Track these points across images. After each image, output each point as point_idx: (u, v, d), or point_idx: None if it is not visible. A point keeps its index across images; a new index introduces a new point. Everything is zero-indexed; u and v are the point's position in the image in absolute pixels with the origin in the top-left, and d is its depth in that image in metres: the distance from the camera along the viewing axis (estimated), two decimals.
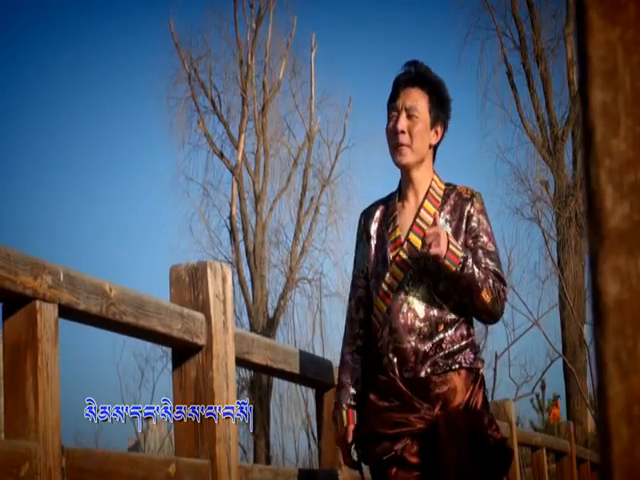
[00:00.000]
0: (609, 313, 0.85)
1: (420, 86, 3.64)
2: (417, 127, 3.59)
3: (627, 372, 0.84)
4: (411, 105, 3.60)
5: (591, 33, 0.87)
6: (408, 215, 3.65)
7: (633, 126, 0.86)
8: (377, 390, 3.59)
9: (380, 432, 3.53)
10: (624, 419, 0.84)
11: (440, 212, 3.60)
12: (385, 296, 3.58)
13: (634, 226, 0.85)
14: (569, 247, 20.87)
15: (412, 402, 3.51)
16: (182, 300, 3.39)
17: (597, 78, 0.86)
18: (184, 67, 24.79)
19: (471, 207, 3.62)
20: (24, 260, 2.47)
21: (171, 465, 3.10)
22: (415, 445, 3.50)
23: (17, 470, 2.40)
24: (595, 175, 0.86)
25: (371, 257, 3.67)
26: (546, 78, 21.84)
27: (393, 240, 3.62)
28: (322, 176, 24.90)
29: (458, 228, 3.60)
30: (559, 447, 9.68)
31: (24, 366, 2.51)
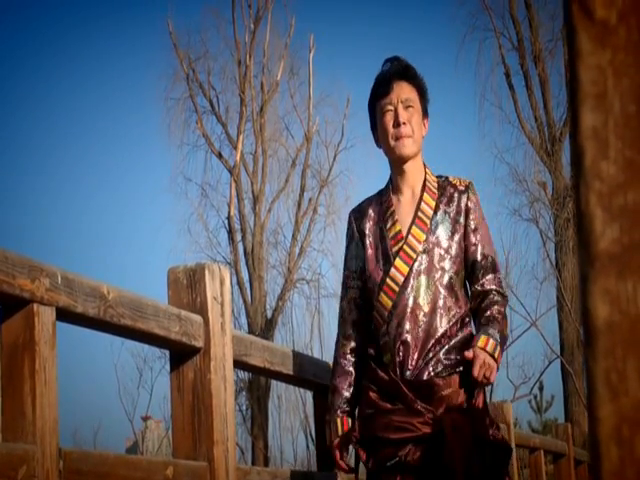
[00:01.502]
0: (599, 335, 0.85)
1: (408, 80, 3.66)
2: (415, 118, 3.62)
3: (617, 394, 0.85)
4: (407, 97, 3.61)
5: (581, 56, 0.87)
6: (407, 209, 3.64)
7: (623, 149, 0.87)
8: (378, 389, 3.55)
9: (384, 437, 3.49)
10: (614, 440, 0.85)
11: (438, 204, 3.63)
12: (390, 291, 3.56)
13: (624, 249, 0.86)
14: (567, 248, 20.87)
15: (415, 406, 3.47)
16: (180, 302, 3.39)
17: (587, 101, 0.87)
18: (182, 67, 24.79)
19: (468, 200, 3.66)
20: (22, 263, 2.47)
21: (169, 467, 3.10)
22: (419, 450, 3.46)
23: (15, 473, 2.39)
24: (585, 198, 0.87)
25: (368, 255, 3.64)
26: (544, 79, 21.85)
27: (394, 235, 3.60)
28: (320, 177, 24.91)
29: (457, 221, 3.63)
30: (557, 448, 9.68)
31: (22, 369, 2.51)
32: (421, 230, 3.58)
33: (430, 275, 3.55)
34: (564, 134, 21.53)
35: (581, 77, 0.87)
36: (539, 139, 21.64)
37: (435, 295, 3.54)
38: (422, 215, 3.60)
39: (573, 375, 19.92)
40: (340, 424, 3.57)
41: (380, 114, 3.64)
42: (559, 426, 10.49)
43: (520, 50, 21.95)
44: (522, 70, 21.92)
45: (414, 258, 3.56)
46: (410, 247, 3.57)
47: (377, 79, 3.69)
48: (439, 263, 3.56)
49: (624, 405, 0.84)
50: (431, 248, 3.57)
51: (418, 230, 3.59)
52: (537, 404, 20.40)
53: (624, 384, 0.84)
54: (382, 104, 3.63)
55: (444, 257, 3.58)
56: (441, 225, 3.61)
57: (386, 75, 3.66)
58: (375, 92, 3.67)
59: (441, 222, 3.61)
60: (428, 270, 3.55)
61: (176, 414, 3.39)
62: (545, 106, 21.81)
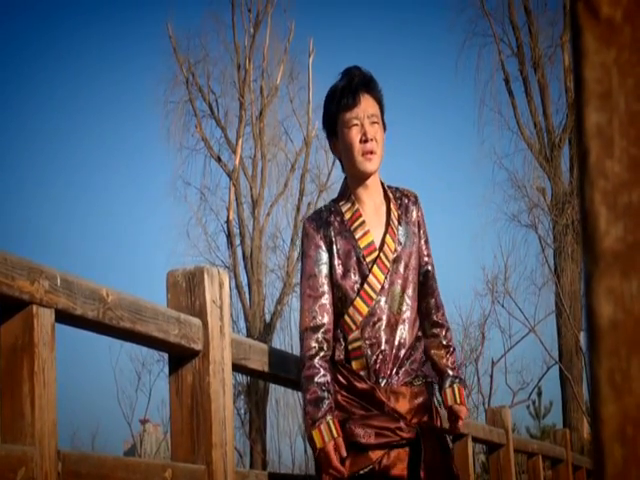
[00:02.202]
0: (603, 334, 0.85)
1: (373, 93, 3.63)
2: (379, 133, 3.60)
3: (621, 393, 0.84)
4: (372, 112, 3.58)
5: (586, 55, 0.88)
6: (374, 219, 3.66)
7: (628, 147, 0.87)
8: (350, 395, 3.55)
9: (365, 443, 3.49)
10: (618, 440, 0.84)
11: (400, 215, 3.68)
12: (368, 297, 3.57)
13: (628, 247, 0.86)
14: (566, 254, 20.88)
15: (391, 412, 3.52)
16: (179, 305, 3.39)
17: (592, 100, 0.87)
18: (182, 71, 24.81)
19: (418, 211, 3.74)
20: (21, 264, 2.47)
21: (167, 470, 3.09)
22: (391, 457, 3.51)
23: (13, 475, 2.39)
24: (589, 196, 0.87)
25: (335, 264, 3.61)
26: (543, 85, 21.87)
27: (367, 245, 3.61)
28: (319, 181, 24.92)
29: (414, 232, 3.70)
30: (555, 454, 9.68)
31: (21, 371, 2.51)
32: (392, 240, 3.63)
33: (400, 285, 3.62)
34: (563, 140, 21.55)
35: (586, 76, 0.87)
36: (538, 145, 21.65)
37: (404, 305, 3.61)
38: (393, 225, 3.65)
39: (572, 381, 19.92)
40: (333, 426, 3.47)
41: (344, 127, 3.58)
42: (557, 432, 10.49)
43: (519, 56, 21.98)
44: (521, 76, 21.95)
45: (389, 268, 3.60)
46: (385, 256, 3.60)
47: (341, 89, 3.61)
48: (405, 272, 3.64)
49: (628, 405, 0.84)
50: (399, 258, 3.63)
51: (390, 240, 3.63)
52: (535, 410, 20.39)
53: (628, 384, 0.84)
54: (347, 117, 3.57)
55: (409, 267, 3.65)
56: (405, 235, 3.67)
57: (352, 87, 3.59)
58: (339, 102, 3.60)
59: (404, 232, 3.68)
60: (397, 279, 3.61)
61: (175, 417, 3.38)
62: (544, 112, 21.83)
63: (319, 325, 3.57)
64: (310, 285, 3.62)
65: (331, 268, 3.62)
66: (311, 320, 3.58)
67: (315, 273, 3.61)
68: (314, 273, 3.61)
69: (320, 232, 3.64)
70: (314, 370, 3.52)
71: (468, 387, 20.26)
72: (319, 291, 3.60)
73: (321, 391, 3.49)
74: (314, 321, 3.58)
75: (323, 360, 3.54)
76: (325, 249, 3.63)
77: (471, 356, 20.68)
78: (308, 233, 3.65)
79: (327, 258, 3.62)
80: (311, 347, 3.55)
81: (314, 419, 3.47)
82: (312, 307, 3.60)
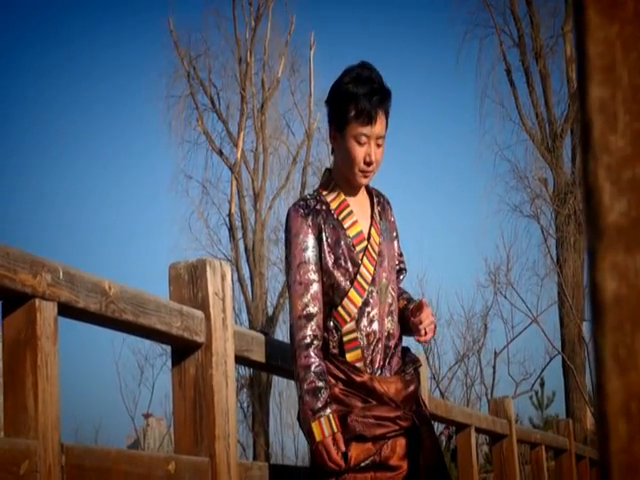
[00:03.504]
0: (607, 309, 0.85)
1: (384, 106, 3.58)
2: (382, 151, 3.61)
3: (625, 369, 0.85)
4: (381, 134, 3.56)
5: (589, 30, 0.87)
6: (360, 211, 3.69)
7: (631, 122, 0.87)
8: (347, 387, 3.55)
9: (367, 434, 3.50)
10: (622, 416, 0.84)
11: (381, 212, 3.75)
12: (361, 288, 3.58)
13: (632, 222, 0.86)
14: (568, 244, 20.87)
15: (390, 402, 3.54)
16: (181, 298, 3.39)
17: (595, 74, 0.87)
18: (183, 65, 24.79)
19: (391, 210, 3.83)
20: (23, 258, 2.47)
21: (171, 463, 3.10)
22: (390, 446, 3.53)
23: (17, 468, 2.40)
24: (593, 171, 0.87)
25: (326, 251, 3.58)
26: (545, 75, 21.84)
27: (356, 234, 3.63)
28: (321, 174, 24.87)
29: (391, 229, 3.79)
30: (558, 444, 9.69)
31: (24, 364, 2.51)
32: (377, 233, 3.68)
33: (385, 277, 3.66)
34: (565, 130, 21.53)
35: (589, 50, 0.87)
36: (540, 135, 21.63)
37: (389, 297, 3.66)
38: (377, 218, 3.71)
39: (574, 371, 19.92)
40: (333, 420, 3.45)
41: (353, 138, 3.55)
42: (560, 422, 10.50)
43: (521, 47, 21.94)
44: (523, 67, 21.91)
45: (375, 259, 3.64)
46: (372, 248, 3.64)
47: (361, 96, 3.52)
48: (389, 264, 3.70)
49: (633, 380, 0.84)
50: (382, 252, 3.67)
51: (375, 233, 3.67)
52: (538, 400, 20.38)
53: (633, 359, 0.84)
54: (359, 131, 3.53)
55: (390, 261, 3.71)
56: (384, 231, 3.73)
57: (372, 102, 3.52)
58: (355, 110, 3.53)
59: (384, 228, 3.74)
60: (383, 272, 3.66)
61: (178, 409, 3.39)
62: (546, 102, 21.80)
63: (312, 314, 3.53)
64: (300, 273, 3.56)
65: (321, 256, 3.58)
66: (304, 309, 3.53)
67: (305, 260, 3.56)
68: (304, 260, 3.56)
69: (308, 219, 3.59)
70: (310, 359, 3.48)
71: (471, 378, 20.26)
72: (309, 279, 3.55)
73: (319, 380, 3.46)
74: (307, 309, 3.53)
75: (318, 349, 3.51)
76: (314, 236, 3.58)
77: (473, 347, 20.69)
78: (295, 220, 3.60)
79: (316, 245, 3.58)
80: (306, 336, 3.50)
81: (313, 410, 3.45)
82: (304, 295, 3.54)
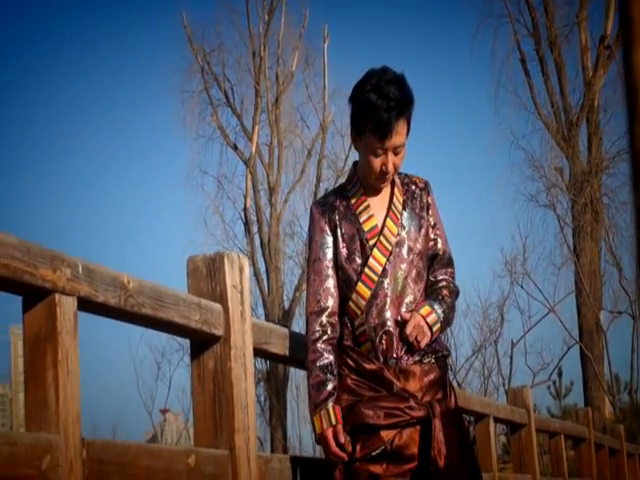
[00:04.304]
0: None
1: (403, 115, 3.55)
2: (401, 157, 3.60)
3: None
4: (399, 144, 3.56)
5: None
6: (379, 204, 3.70)
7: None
8: (360, 378, 3.58)
9: (375, 424, 3.51)
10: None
11: (405, 201, 3.72)
12: (369, 280, 3.61)
13: None
14: (585, 233, 20.81)
15: (400, 392, 3.54)
16: (199, 291, 3.39)
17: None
18: (197, 60, 24.81)
19: (428, 197, 3.77)
20: (43, 253, 2.48)
21: (191, 456, 3.11)
22: (404, 436, 3.53)
23: (39, 463, 2.41)
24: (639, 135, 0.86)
25: (340, 247, 3.66)
26: (560, 64, 21.77)
27: (371, 228, 3.66)
28: (336, 167, 24.90)
29: (420, 217, 3.73)
30: (577, 433, 9.66)
31: (44, 359, 2.52)
32: (394, 224, 3.67)
33: (402, 268, 3.65)
34: (581, 119, 21.45)
35: (634, 16, 0.86)
36: (555, 124, 21.56)
37: (407, 288, 3.64)
38: (394, 210, 3.69)
39: (592, 360, 19.88)
40: (333, 413, 3.52)
41: (368, 148, 3.57)
42: (579, 411, 10.47)
43: (535, 36, 21.87)
44: (538, 56, 21.85)
45: (390, 250, 3.63)
46: (386, 239, 3.64)
47: (375, 108, 3.50)
48: (409, 256, 3.67)
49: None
50: (402, 242, 3.66)
51: (392, 224, 3.67)
52: (556, 390, 20.35)
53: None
54: (374, 144, 3.54)
55: (413, 251, 3.68)
56: (409, 220, 3.70)
57: (386, 117, 3.50)
58: (370, 123, 3.52)
59: (409, 217, 3.71)
60: (400, 263, 3.64)
61: (197, 403, 3.40)
62: (561, 91, 21.73)
63: (323, 308, 3.64)
64: (315, 269, 3.68)
65: (336, 251, 3.66)
66: (315, 304, 3.65)
67: (320, 257, 3.68)
68: (319, 257, 3.68)
69: (325, 216, 3.70)
70: (317, 354, 3.59)
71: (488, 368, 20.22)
72: (323, 274, 3.66)
73: (323, 374, 3.57)
74: (318, 305, 3.65)
75: (327, 343, 3.61)
76: (330, 233, 3.68)
77: (490, 338, 20.64)
78: (314, 217, 3.73)
79: (332, 242, 3.68)
80: (315, 331, 3.62)
81: (315, 403, 3.56)
82: (317, 291, 3.66)
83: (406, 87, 3.59)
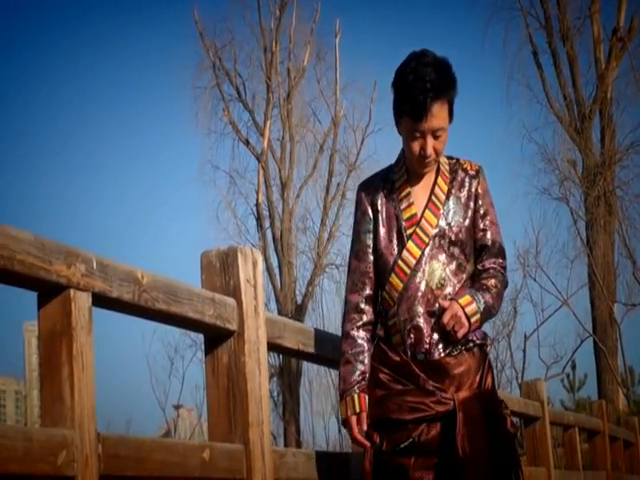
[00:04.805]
0: None
1: (441, 98, 3.50)
2: (442, 141, 3.54)
3: None
4: (438, 127, 3.50)
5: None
6: (421, 192, 3.63)
7: None
8: (388, 371, 3.56)
9: (397, 418, 3.50)
10: None
11: (450, 189, 3.63)
12: (402, 273, 3.57)
13: None
14: (598, 226, 20.75)
15: (427, 386, 3.50)
16: (213, 286, 3.40)
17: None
18: (208, 56, 24.82)
19: (478, 185, 3.67)
20: (58, 249, 2.49)
21: (205, 450, 3.11)
22: (432, 430, 3.50)
23: (54, 458, 2.41)
24: None
25: (380, 233, 3.63)
26: (572, 57, 21.69)
27: (409, 217, 3.60)
28: (348, 161, 24.88)
29: (467, 206, 3.64)
30: (591, 426, 9.65)
31: (59, 355, 2.53)
32: (434, 215, 3.59)
33: (440, 260, 3.57)
34: (593, 111, 21.38)
35: None
36: (568, 117, 21.50)
37: (446, 280, 3.56)
38: (435, 200, 3.62)
39: (606, 353, 19.83)
40: (357, 401, 3.55)
41: (406, 131, 3.54)
42: (593, 403, 10.45)
43: (548, 28, 21.80)
44: (550, 49, 21.78)
45: (426, 242, 3.57)
46: (423, 231, 3.58)
47: (410, 89, 3.47)
48: (449, 249, 3.58)
49: None
50: (443, 233, 3.58)
51: (431, 215, 3.60)
52: (570, 383, 20.32)
53: None
54: (410, 126, 3.52)
55: (455, 243, 3.59)
56: (453, 210, 3.62)
57: (420, 98, 3.46)
58: (406, 105, 3.50)
59: (453, 207, 3.62)
60: (438, 255, 3.57)
61: (211, 397, 3.40)
62: (574, 84, 21.66)
63: (360, 294, 3.65)
64: (355, 253, 3.70)
65: (376, 236, 3.64)
66: (353, 288, 3.67)
67: (360, 241, 3.68)
68: (359, 241, 3.68)
69: (368, 199, 3.68)
70: (349, 340, 3.62)
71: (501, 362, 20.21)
72: (362, 259, 3.67)
73: (353, 361, 3.59)
74: (355, 289, 3.66)
75: (361, 329, 3.62)
76: (371, 216, 3.66)
77: (503, 331, 20.62)
78: (357, 200, 3.72)
79: (372, 226, 3.66)
80: (350, 318, 3.64)
81: (343, 390, 3.60)
82: (355, 275, 3.68)
83: (445, 70, 3.53)
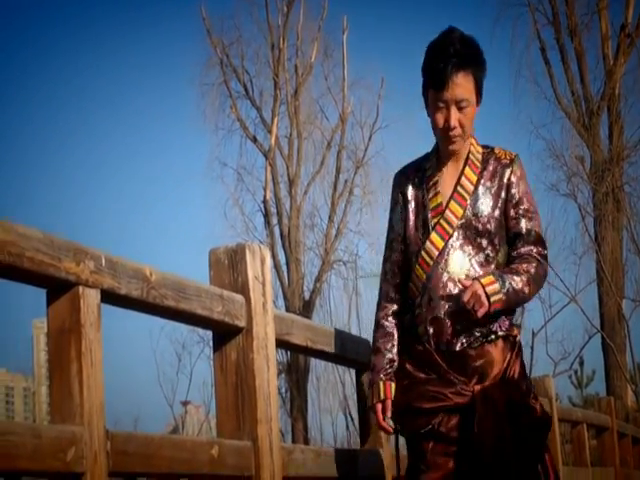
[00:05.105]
0: None
1: (465, 68, 3.49)
2: (468, 116, 3.51)
3: None
4: (462, 97, 3.48)
5: None
6: (449, 181, 3.61)
7: None
8: (413, 360, 3.58)
9: (416, 406, 3.53)
10: None
11: (480, 179, 3.59)
12: (425, 264, 3.56)
13: None
14: (606, 222, 20.70)
15: (448, 376, 3.50)
16: (222, 282, 3.40)
17: None
18: (216, 53, 24.81)
19: (511, 174, 3.61)
20: (67, 246, 2.50)
21: (214, 447, 3.11)
22: (452, 419, 3.50)
23: (64, 455, 2.42)
24: None
25: (409, 222, 3.63)
26: (580, 53, 21.63)
27: (435, 207, 3.59)
28: (356, 158, 24.86)
29: (498, 196, 3.59)
30: (599, 422, 9.64)
31: (68, 351, 2.54)
32: (459, 205, 3.56)
33: (465, 251, 3.54)
34: (602, 107, 21.33)
35: None
36: (576, 113, 21.44)
37: (469, 271, 3.53)
38: (461, 190, 3.58)
39: (614, 349, 19.80)
40: (383, 388, 3.62)
41: (432, 103, 3.53)
42: (602, 400, 10.43)
43: (555, 24, 21.75)
44: (558, 45, 21.72)
45: (450, 233, 3.55)
46: (447, 222, 3.55)
47: (434, 60, 3.50)
48: (476, 239, 3.55)
49: None
50: (469, 224, 3.54)
51: (456, 205, 3.57)
52: (578, 379, 20.32)
53: None
54: (434, 97, 3.52)
55: (482, 233, 3.55)
56: (481, 200, 3.57)
57: (442, 67, 3.46)
58: (429, 78, 3.52)
59: (481, 197, 3.57)
60: (464, 246, 3.54)
61: (220, 394, 3.41)
62: (582, 80, 21.60)
63: (390, 283, 3.70)
64: (388, 242, 3.73)
65: (406, 224, 3.65)
66: (384, 277, 3.72)
67: (392, 230, 3.72)
68: (391, 230, 3.72)
69: (400, 188, 3.70)
70: (381, 329, 3.68)
71: None
72: (393, 248, 3.70)
73: (383, 350, 3.65)
74: (386, 277, 3.71)
75: (392, 317, 3.67)
76: (402, 205, 3.68)
77: None
78: (393, 188, 3.75)
79: (402, 215, 3.67)
80: (382, 307, 3.70)
81: (371, 379, 3.68)
82: (386, 264, 3.72)
83: (471, 44, 3.54)
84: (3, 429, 2.24)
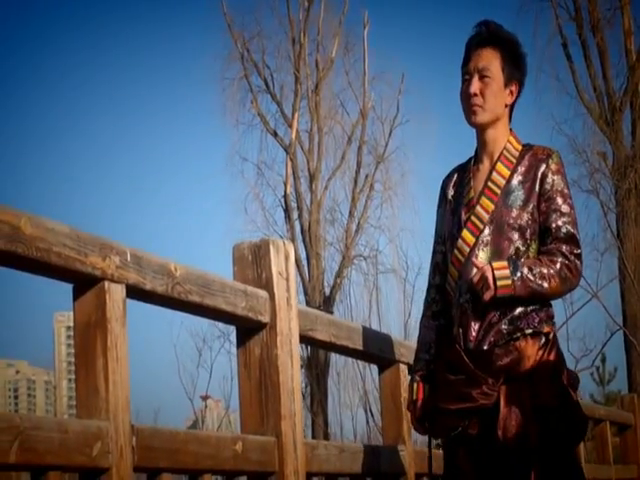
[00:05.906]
0: None
1: (492, 46, 3.60)
2: (490, 88, 3.57)
3: None
4: (483, 66, 3.57)
5: None
6: (481, 177, 3.61)
7: None
8: (445, 361, 3.57)
9: (443, 407, 3.51)
10: None
11: (513, 174, 3.57)
12: (457, 262, 3.55)
13: None
14: (629, 219, 20.60)
15: (475, 376, 3.46)
16: (245, 278, 3.40)
17: None
18: (237, 47, 24.82)
19: (546, 168, 3.58)
20: (93, 241, 2.50)
21: (238, 443, 3.12)
22: (479, 422, 3.47)
23: (90, 449, 2.43)
24: None
25: (447, 220, 3.65)
26: (603, 48, 21.52)
27: (467, 202, 3.59)
28: (376, 153, 24.83)
29: (531, 190, 3.55)
30: (622, 419, 9.58)
31: (94, 346, 2.54)
32: (490, 200, 3.55)
33: (496, 246, 3.50)
34: (624, 103, 21.23)
35: None
36: (598, 109, 21.35)
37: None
38: (492, 185, 3.57)
39: (636, 346, 19.71)
40: (415, 389, 3.66)
41: (462, 80, 3.65)
42: (625, 397, 10.37)
43: (577, 20, 21.64)
44: (580, 40, 21.62)
45: (481, 229, 3.53)
46: (477, 217, 3.54)
47: (465, 45, 3.68)
48: (507, 234, 3.51)
49: None
50: (499, 218, 3.51)
51: (487, 200, 3.55)
52: (599, 376, 20.24)
53: None
54: (463, 71, 3.64)
55: (513, 227, 3.51)
56: (512, 195, 3.54)
57: (468, 43, 3.64)
58: (463, 60, 3.66)
59: (513, 192, 3.55)
60: (494, 241, 3.51)
61: (243, 390, 3.41)
62: (604, 75, 21.49)
63: (432, 284, 3.75)
64: (434, 241, 3.76)
65: (444, 224, 3.68)
66: (429, 278, 3.77)
67: (435, 232, 3.75)
68: (435, 230, 3.75)
69: (442, 190, 3.75)
70: (422, 330, 3.74)
71: None
72: (435, 249, 3.75)
73: (421, 351, 3.71)
74: (429, 278, 3.76)
75: (432, 319, 3.71)
76: (443, 206, 3.72)
77: None
78: (439, 190, 3.79)
79: (443, 215, 3.71)
80: (425, 307, 3.75)
81: (410, 378, 3.75)
82: (431, 265, 3.77)
83: (503, 30, 3.65)
84: (30, 424, 2.25)
